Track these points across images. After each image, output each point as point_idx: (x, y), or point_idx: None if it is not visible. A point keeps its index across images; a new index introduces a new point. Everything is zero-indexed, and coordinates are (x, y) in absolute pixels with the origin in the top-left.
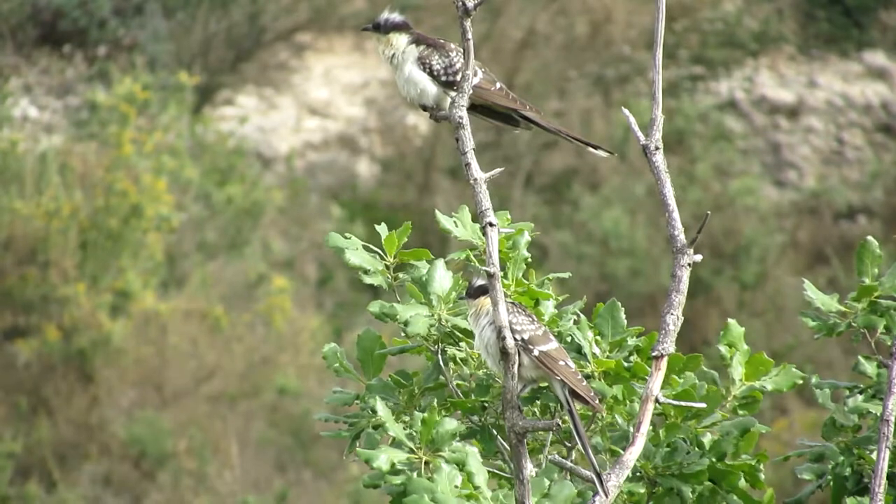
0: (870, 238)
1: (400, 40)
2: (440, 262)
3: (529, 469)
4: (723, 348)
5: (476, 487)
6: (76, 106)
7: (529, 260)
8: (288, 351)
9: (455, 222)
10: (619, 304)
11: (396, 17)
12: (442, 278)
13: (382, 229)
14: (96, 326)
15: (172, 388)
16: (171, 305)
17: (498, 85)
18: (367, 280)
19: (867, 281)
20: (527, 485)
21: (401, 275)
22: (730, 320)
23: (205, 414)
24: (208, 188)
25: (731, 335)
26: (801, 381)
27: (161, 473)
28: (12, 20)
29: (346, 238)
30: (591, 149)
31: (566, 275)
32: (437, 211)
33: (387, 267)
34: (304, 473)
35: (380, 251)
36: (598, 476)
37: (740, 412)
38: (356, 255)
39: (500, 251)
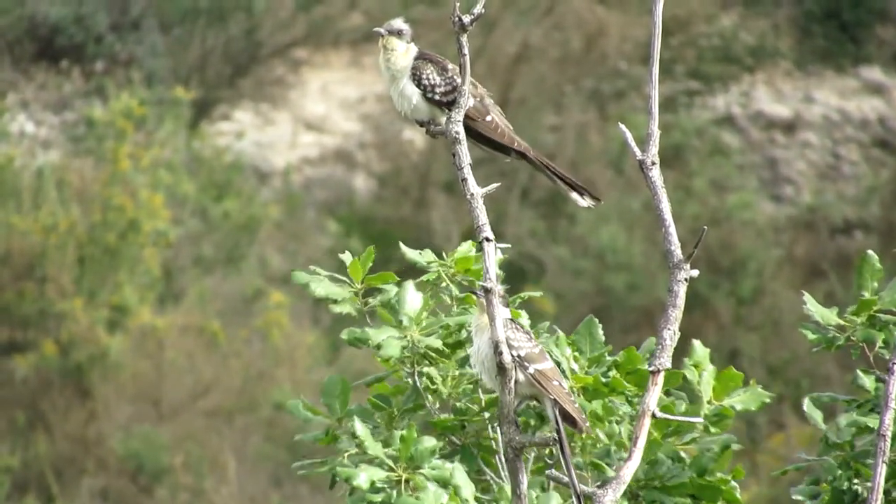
0: (870, 252)
1: (410, 52)
2: (410, 284)
3: (526, 483)
4: (687, 371)
5: (464, 501)
6: (73, 121)
7: (503, 276)
8: (285, 366)
9: (420, 253)
10: (599, 321)
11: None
12: (412, 300)
13: (346, 257)
14: (93, 341)
15: (169, 402)
16: (168, 320)
17: (489, 117)
18: (336, 309)
19: (867, 295)
20: (524, 499)
21: (370, 300)
22: (694, 341)
23: (202, 429)
24: (205, 203)
25: (697, 356)
26: (768, 401)
27: (158, 488)
28: (9, 36)
29: (311, 271)
30: (574, 194)
31: (538, 294)
32: (401, 244)
33: (356, 293)
34: (301, 488)
35: (348, 278)
36: (579, 499)
37: (712, 429)
38: (321, 286)
39: (473, 269)
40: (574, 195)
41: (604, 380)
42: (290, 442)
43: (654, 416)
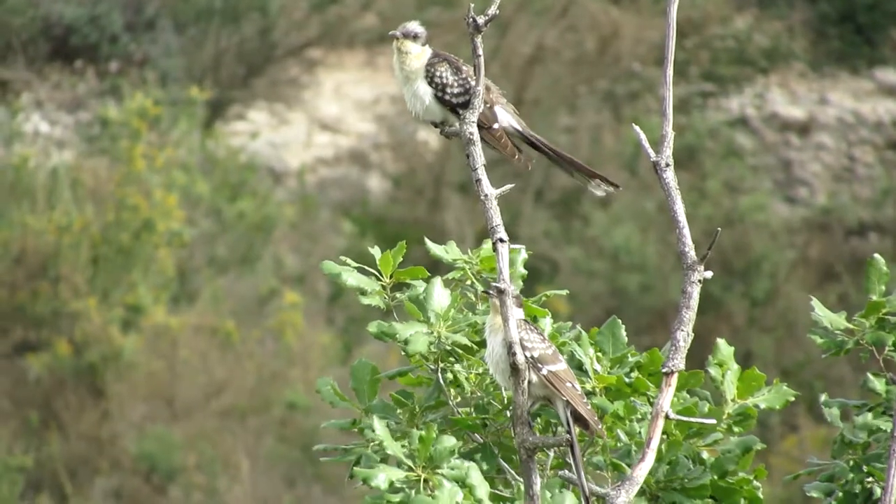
0: (877, 255)
1: (424, 54)
2: (438, 280)
3: (539, 484)
4: (712, 370)
5: (478, 501)
6: (87, 121)
7: (526, 276)
8: (298, 366)
9: (445, 250)
10: (620, 321)
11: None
12: (440, 296)
13: (376, 251)
14: (107, 341)
15: (183, 402)
16: (182, 320)
17: (496, 126)
18: (365, 301)
19: (875, 298)
20: (536, 500)
21: (398, 294)
22: (718, 340)
23: (215, 429)
24: (219, 203)
25: (721, 355)
26: (792, 399)
27: (171, 488)
28: (24, 35)
29: (341, 261)
30: (593, 183)
31: (564, 292)
32: (426, 239)
33: (384, 287)
34: (314, 488)
35: (376, 272)
36: (587, 500)
37: (735, 429)
38: (353, 277)
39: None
40: (592, 185)
41: (627, 380)
42: (303, 442)
43: (667, 416)
